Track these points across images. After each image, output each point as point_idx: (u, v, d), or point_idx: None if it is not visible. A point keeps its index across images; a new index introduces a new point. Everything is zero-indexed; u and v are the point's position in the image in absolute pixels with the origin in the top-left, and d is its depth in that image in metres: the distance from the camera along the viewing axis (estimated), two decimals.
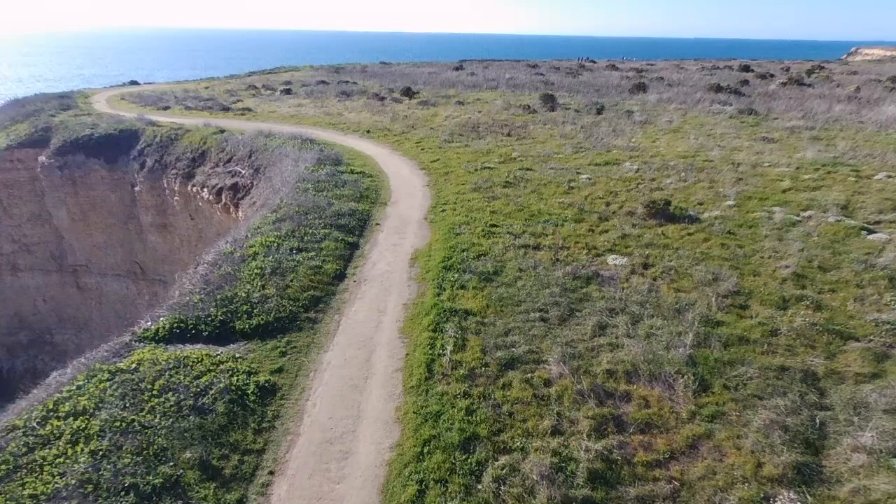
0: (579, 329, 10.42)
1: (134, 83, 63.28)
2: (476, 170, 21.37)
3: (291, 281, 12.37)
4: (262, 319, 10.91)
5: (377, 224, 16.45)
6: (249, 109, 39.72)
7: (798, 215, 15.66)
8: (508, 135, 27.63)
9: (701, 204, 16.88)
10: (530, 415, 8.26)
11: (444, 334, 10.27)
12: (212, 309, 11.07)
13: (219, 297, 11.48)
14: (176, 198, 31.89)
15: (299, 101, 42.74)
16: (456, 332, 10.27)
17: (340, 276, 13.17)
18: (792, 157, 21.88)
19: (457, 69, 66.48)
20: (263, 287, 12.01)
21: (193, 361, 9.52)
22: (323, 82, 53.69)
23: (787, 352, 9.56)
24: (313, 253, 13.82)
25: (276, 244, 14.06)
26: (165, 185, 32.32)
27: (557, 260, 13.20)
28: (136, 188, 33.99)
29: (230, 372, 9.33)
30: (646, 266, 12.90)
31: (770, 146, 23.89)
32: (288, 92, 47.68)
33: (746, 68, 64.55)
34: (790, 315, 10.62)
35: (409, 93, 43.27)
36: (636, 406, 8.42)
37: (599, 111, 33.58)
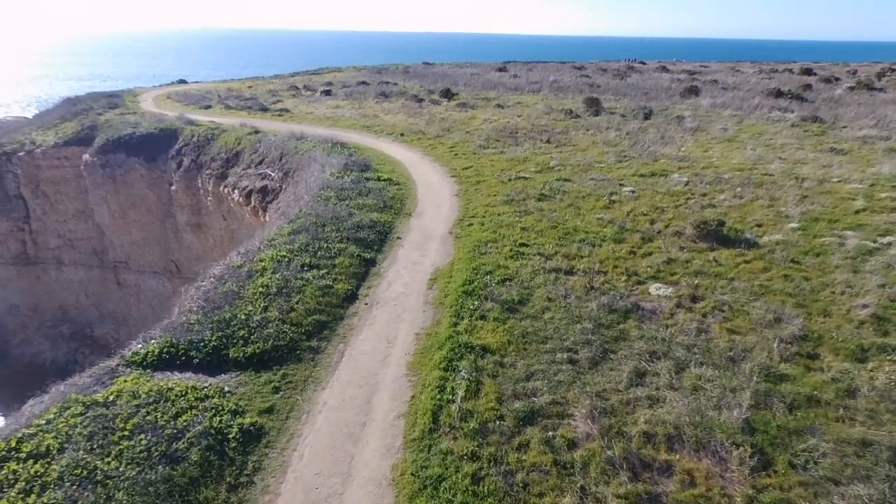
0: (613, 376, 8.98)
1: (182, 82, 64.49)
2: (510, 179, 19.99)
3: (297, 303, 11.36)
4: (259, 347, 9.92)
5: (398, 238, 15.32)
6: (287, 110, 39.46)
7: (875, 241, 13.65)
8: (548, 141, 26.09)
9: (759, 225, 15.02)
10: (548, 488, 6.92)
11: (457, 375, 9.02)
12: (207, 332, 10.16)
13: (216, 318, 10.56)
14: (209, 198, 31.79)
15: (337, 102, 42.27)
16: (470, 374, 9.01)
17: (351, 298, 12.09)
18: (865, 171, 19.58)
19: (500, 70, 65.03)
20: (266, 309, 11.04)
21: (176, 395, 8.59)
22: (363, 83, 53.24)
23: (868, 419, 7.87)
24: (325, 270, 12.79)
25: (287, 259, 13.11)
26: (200, 185, 32.28)
27: (592, 288, 11.74)
28: (173, 187, 34.13)
29: (214, 410, 8.34)
30: (694, 299, 11.28)
31: (839, 159, 21.57)
32: (328, 93, 47.34)
33: (808, 71, 60.64)
34: (871, 370, 8.88)
35: (448, 94, 42.16)
36: (679, 483, 6.95)
37: (647, 116, 31.59)
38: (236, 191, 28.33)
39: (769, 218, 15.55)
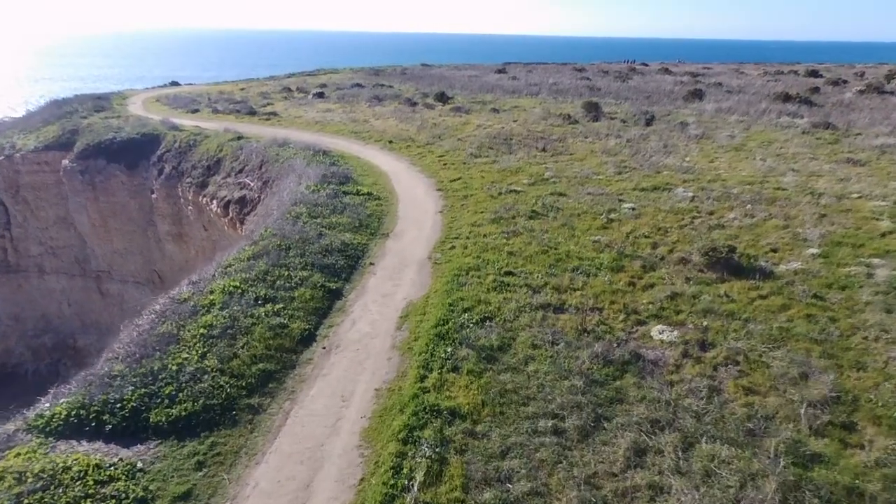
0: (607, 453, 7.39)
1: (174, 84, 63.08)
2: (500, 193, 18.41)
3: (242, 347, 9.80)
4: (187, 408, 8.35)
5: (371, 264, 13.75)
6: (276, 114, 37.98)
7: None
8: (543, 149, 24.50)
9: (775, 251, 13.41)
10: None
11: (418, 450, 7.45)
12: (128, 389, 8.60)
13: (142, 370, 9.00)
14: (190, 207, 30.37)
15: (328, 105, 40.75)
16: (433, 449, 7.43)
17: (308, 340, 10.51)
18: (888, 186, 17.94)
19: (499, 72, 63.42)
20: (204, 356, 9.48)
21: (72, 478, 7.04)
22: (358, 85, 51.75)
23: None
24: (281, 305, 11.22)
25: (239, 291, 11.54)
26: (180, 194, 30.86)
27: (584, 331, 10.15)
28: (154, 196, 32.73)
29: (115, 500, 6.79)
30: (703, 346, 9.70)
31: (857, 171, 19.93)
32: (321, 95, 45.83)
33: (814, 73, 58.85)
34: None
35: (442, 98, 40.63)
36: None
37: (649, 122, 29.96)
38: (215, 201, 26.87)
39: (785, 241, 13.93)
